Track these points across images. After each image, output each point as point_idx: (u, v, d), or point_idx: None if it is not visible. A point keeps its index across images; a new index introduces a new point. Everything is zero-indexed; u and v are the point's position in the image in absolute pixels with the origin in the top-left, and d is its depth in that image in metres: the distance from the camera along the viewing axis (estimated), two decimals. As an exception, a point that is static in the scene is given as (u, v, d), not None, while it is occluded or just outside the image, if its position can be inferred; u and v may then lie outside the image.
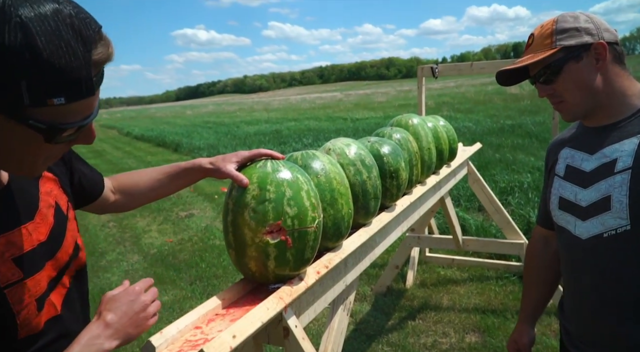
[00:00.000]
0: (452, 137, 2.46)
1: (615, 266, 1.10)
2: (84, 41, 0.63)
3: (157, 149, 14.95)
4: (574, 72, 1.10)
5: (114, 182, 1.20)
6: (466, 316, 3.12)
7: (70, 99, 0.64)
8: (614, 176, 1.08)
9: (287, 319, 1.10)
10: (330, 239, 1.29)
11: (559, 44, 1.10)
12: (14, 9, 0.58)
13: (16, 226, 0.81)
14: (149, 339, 0.89)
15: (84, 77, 0.64)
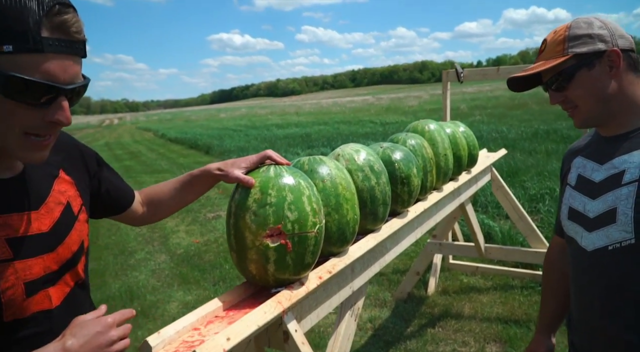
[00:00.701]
0: (473, 143, 2.43)
1: (619, 280, 1.07)
2: (40, 4, 0.71)
3: (190, 151, 15.28)
4: (586, 80, 1.09)
5: (142, 196, 1.26)
6: (488, 325, 3.05)
7: (16, 48, 0.70)
8: (620, 188, 1.06)
9: (287, 323, 1.12)
10: (335, 244, 1.30)
11: (571, 51, 1.09)
12: None
13: (17, 210, 0.85)
14: (146, 338, 0.92)
15: (32, 31, 0.70)
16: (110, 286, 4.19)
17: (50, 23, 0.72)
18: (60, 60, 0.74)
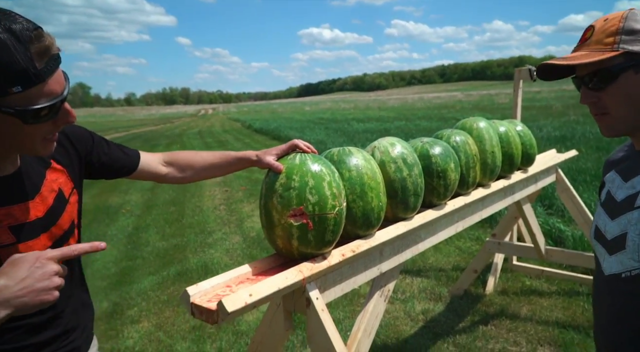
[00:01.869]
0: (529, 142, 2.41)
1: (628, 311, 0.98)
2: (22, 42, 0.81)
3: (273, 141, 15.92)
4: (630, 84, 0.95)
5: (166, 158, 1.43)
6: (544, 328, 3.00)
7: (24, 87, 0.83)
8: (633, 211, 0.97)
9: (309, 291, 1.28)
10: (360, 227, 1.43)
11: (622, 48, 0.93)
12: None
13: (17, 202, 1.00)
14: (186, 288, 1.14)
15: (29, 68, 0.82)
16: (189, 260, 4.62)
17: (36, 53, 0.84)
18: (54, 77, 0.88)
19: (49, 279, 0.79)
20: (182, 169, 1.43)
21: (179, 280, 4.17)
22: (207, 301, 1.11)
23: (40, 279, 0.78)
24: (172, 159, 1.43)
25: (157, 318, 3.46)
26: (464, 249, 4.53)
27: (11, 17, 0.83)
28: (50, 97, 0.88)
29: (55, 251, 0.83)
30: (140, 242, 5.33)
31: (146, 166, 1.37)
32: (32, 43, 0.83)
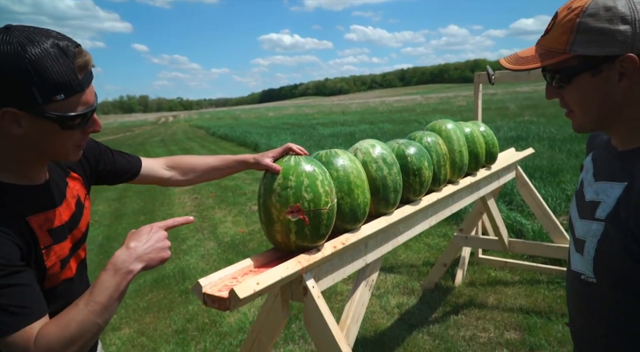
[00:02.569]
0: (492, 142, 2.62)
1: (584, 309, 1.01)
2: (68, 55, 0.92)
3: (239, 148, 15.90)
4: (587, 87, 0.89)
5: (168, 162, 1.53)
6: (509, 314, 3.23)
7: (67, 95, 0.92)
8: (592, 221, 0.94)
9: (306, 281, 1.41)
10: (348, 222, 1.57)
11: (572, 50, 0.87)
12: (21, 48, 0.87)
13: (51, 208, 1.08)
14: (198, 280, 1.24)
15: (73, 79, 0.92)
16: (165, 267, 4.64)
17: (78, 66, 0.94)
18: (89, 88, 0.98)
19: (163, 241, 1.04)
20: (184, 172, 1.53)
21: (157, 287, 4.19)
22: (218, 291, 1.22)
23: (158, 241, 1.03)
24: (175, 163, 1.53)
25: (138, 324, 3.49)
26: (432, 246, 4.75)
27: (58, 36, 0.93)
28: (85, 106, 0.98)
29: (161, 223, 1.07)
30: (112, 252, 5.26)
31: (148, 171, 1.47)
32: (75, 58, 0.93)
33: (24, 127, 0.93)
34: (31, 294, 0.94)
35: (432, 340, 3.00)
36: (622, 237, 0.86)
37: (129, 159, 1.44)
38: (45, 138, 0.97)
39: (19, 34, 0.89)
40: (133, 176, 1.45)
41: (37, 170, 1.07)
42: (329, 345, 1.40)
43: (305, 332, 3.17)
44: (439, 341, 2.97)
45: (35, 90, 0.89)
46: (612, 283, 0.91)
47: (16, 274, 0.92)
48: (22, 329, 0.89)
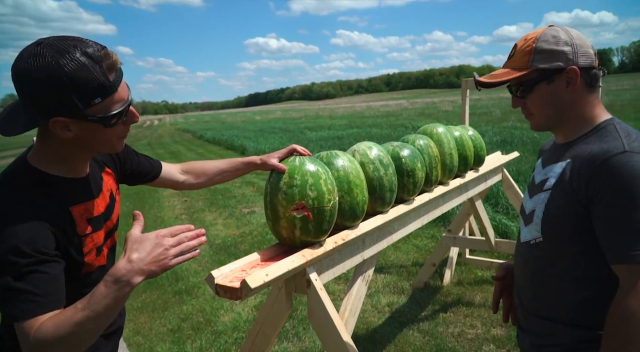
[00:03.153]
0: (479, 145, 2.74)
1: (531, 272, 1.27)
2: (96, 61, 0.99)
3: (227, 152, 15.92)
4: (544, 93, 1.19)
5: (184, 167, 1.65)
6: (496, 312, 3.34)
7: (103, 97, 1.01)
8: (541, 192, 1.22)
9: (309, 273, 1.50)
10: (348, 219, 1.67)
11: (533, 66, 1.18)
12: (55, 63, 0.95)
13: (90, 199, 1.18)
14: (211, 272, 1.32)
15: (105, 82, 1.00)
16: (157, 269, 4.68)
17: (107, 68, 1.00)
18: (121, 86, 1.05)
19: (167, 251, 1.01)
20: (197, 176, 1.65)
21: (150, 288, 4.23)
22: (229, 282, 1.31)
23: (161, 252, 1.00)
24: (189, 168, 1.65)
25: (133, 324, 3.53)
26: (421, 247, 4.87)
27: (84, 42, 1.01)
28: (121, 103, 1.06)
29: (165, 230, 1.04)
30: (103, 254, 5.29)
31: (167, 174, 1.58)
32: (103, 61, 1.00)
33: (73, 130, 1.03)
34: (53, 285, 0.99)
35: (422, 336, 3.10)
36: (565, 198, 1.14)
37: (152, 162, 1.55)
38: (92, 137, 1.07)
39: (49, 48, 0.97)
40: (154, 178, 1.55)
41: (82, 165, 1.17)
42: (331, 334, 1.49)
43: (298, 331, 3.25)
44: (429, 338, 3.08)
45: (75, 99, 0.98)
46: (555, 239, 1.19)
47: (45, 263, 0.99)
48: (33, 318, 0.94)
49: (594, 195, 1.09)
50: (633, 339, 1.04)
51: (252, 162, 1.62)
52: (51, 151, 1.09)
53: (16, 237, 0.97)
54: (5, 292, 0.95)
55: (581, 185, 1.11)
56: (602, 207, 1.08)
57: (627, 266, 1.05)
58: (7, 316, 0.96)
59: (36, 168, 1.08)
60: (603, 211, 1.08)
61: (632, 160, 1.05)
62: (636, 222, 1.03)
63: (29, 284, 0.96)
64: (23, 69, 0.97)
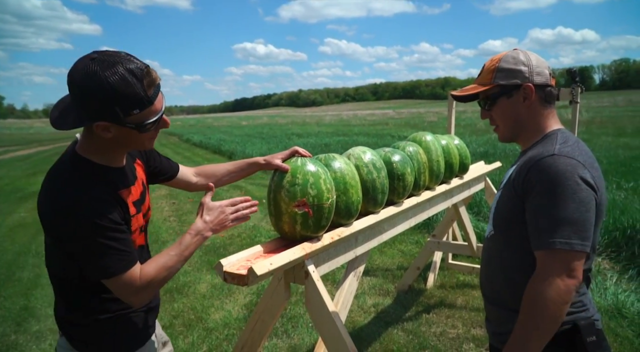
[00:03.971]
0: (464, 154, 2.90)
1: (487, 261, 1.44)
2: (137, 78, 1.13)
3: (214, 156, 15.96)
4: (505, 106, 1.37)
5: (196, 170, 1.80)
6: (476, 314, 3.51)
7: (141, 109, 1.16)
8: (498, 191, 1.42)
9: (307, 266, 1.63)
10: (343, 217, 1.80)
11: (495, 82, 1.36)
12: (104, 77, 1.09)
13: (130, 185, 1.35)
14: (220, 261, 1.45)
15: (144, 96, 1.15)
16: (146, 268, 4.75)
17: (147, 84, 1.15)
18: (158, 98, 1.21)
19: (227, 216, 1.41)
20: (208, 177, 1.79)
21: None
22: (237, 269, 1.43)
23: (224, 217, 1.40)
24: (200, 170, 1.80)
25: (124, 321, 3.60)
26: (405, 252, 5.03)
27: (128, 59, 1.15)
28: (155, 114, 1.22)
29: (228, 201, 1.43)
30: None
31: (182, 176, 1.73)
32: (144, 78, 1.15)
33: (112, 132, 1.19)
34: (131, 245, 1.26)
35: (406, 335, 3.24)
36: (509, 195, 1.32)
37: (171, 164, 1.70)
38: (127, 138, 1.23)
39: (100, 63, 1.11)
40: (171, 177, 1.69)
41: (120, 157, 1.32)
42: (326, 321, 1.62)
43: (287, 328, 3.37)
44: (412, 337, 3.22)
45: (118, 109, 1.14)
46: (502, 231, 1.36)
47: (122, 231, 1.22)
48: (129, 270, 1.21)
49: (526, 190, 1.25)
50: (539, 323, 1.15)
51: (256, 162, 1.76)
52: (95, 145, 1.25)
53: (95, 212, 1.16)
54: (100, 255, 1.17)
55: (519, 182, 1.27)
56: (530, 201, 1.23)
57: (543, 252, 1.18)
58: (106, 274, 1.19)
59: (86, 158, 1.25)
60: (531, 204, 1.23)
61: (557, 162, 1.20)
62: (555, 215, 1.17)
63: (120, 245, 1.20)
64: (76, 79, 1.12)
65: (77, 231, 1.15)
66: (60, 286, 1.33)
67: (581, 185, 1.18)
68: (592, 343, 1.23)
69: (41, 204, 1.21)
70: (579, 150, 1.26)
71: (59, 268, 1.30)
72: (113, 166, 1.30)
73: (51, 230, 1.22)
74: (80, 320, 1.32)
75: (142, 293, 1.24)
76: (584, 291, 1.32)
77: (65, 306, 1.34)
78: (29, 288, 4.34)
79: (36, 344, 3.28)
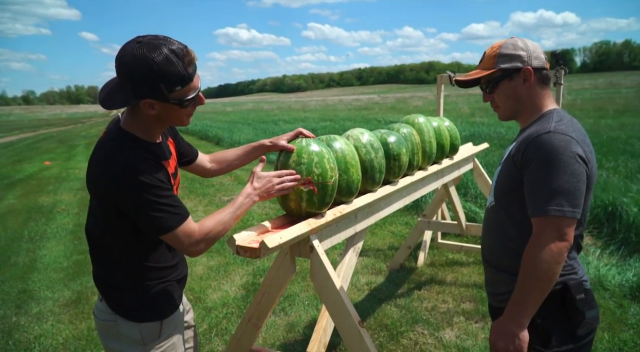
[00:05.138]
0: (455, 135, 3.01)
1: (488, 230, 1.58)
2: (179, 57, 1.24)
3: (201, 142, 15.90)
4: (507, 88, 1.50)
5: (211, 157, 1.89)
6: (465, 289, 3.66)
7: (182, 86, 1.27)
8: (500, 166, 1.55)
9: (312, 240, 1.72)
10: (345, 195, 1.89)
11: (497, 66, 1.49)
12: (150, 58, 1.20)
13: (168, 158, 1.47)
14: (232, 235, 1.53)
15: (185, 74, 1.26)
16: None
17: (187, 62, 1.26)
18: (196, 76, 1.32)
19: (273, 186, 1.58)
20: (220, 163, 1.89)
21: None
22: (249, 243, 1.52)
23: (270, 185, 1.58)
24: (214, 157, 1.90)
25: (124, 302, 3.67)
26: (396, 233, 5.16)
27: (169, 41, 1.25)
28: (194, 90, 1.32)
29: (274, 172, 1.61)
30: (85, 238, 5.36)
31: (200, 161, 1.83)
32: (185, 57, 1.26)
33: (156, 109, 1.31)
34: (181, 201, 1.39)
35: (399, 311, 3.38)
36: (509, 168, 1.42)
37: (192, 148, 1.79)
38: (169, 114, 1.35)
39: (145, 45, 1.22)
40: (190, 162, 1.78)
41: (158, 132, 1.43)
42: (331, 292, 1.72)
43: (285, 306, 3.48)
44: (405, 311, 3.36)
45: (162, 86, 1.24)
46: (503, 201, 1.49)
47: (170, 189, 1.36)
48: (184, 222, 1.34)
49: (524, 164, 1.37)
50: (533, 276, 1.29)
51: (262, 144, 1.84)
52: (138, 122, 1.36)
53: (147, 172, 1.28)
54: (156, 211, 1.29)
55: (518, 157, 1.40)
56: (528, 174, 1.35)
57: (539, 218, 1.31)
58: (164, 229, 1.32)
59: (132, 133, 1.36)
60: (528, 176, 1.35)
61: (553, 138, 1.32)
62: (550, 185, 1.29)
63: (172, 201, 1.33)
64: (125, 61, 1.22)
65: (133, 191, 1.26)
66: (105, 252, 1.44)
67: (574, 159, 1.29)
68: (581, 300, 1.37)
69: (94, 173, 1.32)
70: (573, 127, 1.38)
71: (109, 235, 1.41)
72: (153, 141, 1.41)
73: (106, 196, 1.30)
74: (121, 285, 1.43)
75: (202, 244, 1.38)
76: (574, 256, 1.45)
77: (109, 272, 1.45)
78: (25, 272, 4.38)
79: (38, 325, 3.34)
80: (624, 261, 3.97)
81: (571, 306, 1.36)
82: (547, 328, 1.38)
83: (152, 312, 1.47)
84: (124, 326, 1.45)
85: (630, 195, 4.90)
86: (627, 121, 13.67)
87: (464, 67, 65.90)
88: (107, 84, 1.33)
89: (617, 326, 3.01)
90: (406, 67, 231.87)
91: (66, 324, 3.34)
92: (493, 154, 8.16)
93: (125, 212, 1.31)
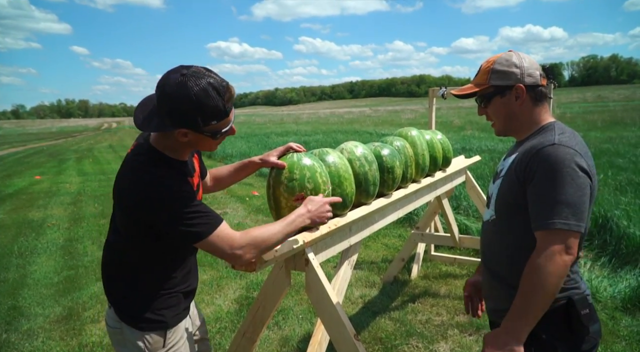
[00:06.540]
0: (447, 148, 3.04)
1: (488, 244, 1.55)
2: (220, 93, 1.29)
3: (192, 155, 15.86)
4: (499, 104, 1.50)
5: (210, 174, 1.91)
6: (459, 302, 3.66)
7: (218, 121, 1.33)
8: (498, 179, 1.52)
9: (307, 253, 1.72)
10: (338, 208, 1.90)
11: (490, 82, 1.49)
12: (191, 90, 1.25)
13: (191, 176, 1.52)
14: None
15: (222, 110, 1.31)
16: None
17: (227, 98, 1.32)
18: (232, 111, 1.37)
19: (325, 212, 1.63)
20: (218, 180, 1.93)
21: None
22: (244, 257, 1.52)
23: (322, 211, 1.62)
24: (212, 174, 1.93)
25: (115, 318, 3.63)
26: (389, 245, 5.17)
27: (210, 75, 1.30)
28: (229, 124, 1.39)
29: (327, 199, 1.66)
30: (77, 253, 5.32)
31: (207, 179, 1.87)
32: (225, 93, 1.31)
33: (189, 137, 1.36)
34: (212, 209, 1.41)
35: (394, 324, 3.37)
36: (511, 182, 1.41)
37: (205, 167, 1.83)
38: (200, 142, 1.41)
39: (187, 78, 1.26)
40: (202, 178, 1.80)
41: (187, 155, 1.51)
42: (327, 305, 1.72)
43: (278, 320, 3.46)
44: (399, 324, 3.35)
45: (199, 119, 1.30)
46: (505, 215, 1.47)
47: (197, 198, 1.40)
48: (217, 228, 1.36)
49: (528, 177, 1.35)
50: (536, 289, 1.27)
51: (252, 161, 1.87)
52: (170, 144, 1.41)
53: (177, 184, 1.35)
54: (188, 219, 1.31)
55: (521, 169, 1.37)
56: (532, 186, 1.33)
57: (542, 232, 1.29)
58: (197, 237, 1.34)
59: (161, 152, 1.41)
60: (533, 188, 1.33)
61: (557, 150, 1.31)
62: (555, 198, 1.27)
63: (202, 208, 1.35)
64: (167, 91, 1.27)
65: (164, 204, 1.31)
66: (119, 264, 1.48)
67: (578, 172, 1.28)
68: (586, 315, 1.35)
69: (125, 187, 1.37)
70: (575, 140, 1.37)
71: (129, 248, 1.45)
72: (179, 160, 1.47)
73: (137, 208, 1.33)
74: (128, 294, 1.46)
75: (245, 249, 1.38)
76: (576, 269, 1.43)
77: (120, 282, 1.48)
78: (15, 288, 4.31)
79: (29, 342, 3.29)
80: (615, 272, 4.00)
81: (576, 322, 1.35)
82: (553, 343, 1.36)
83: (155, 322, 1.49)
84: (128, 333, 1.48)
85: (621, 207, 4.96)
86: (615, 134, 13.86)
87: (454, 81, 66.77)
88: (145, 103, 1.37)
89: (609, 338, 3.02)
90: (397, 80, 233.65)
91: (57, 341, 3.29)
92: (485, 166, 8.23)
93: (156, 226, 1.34)
